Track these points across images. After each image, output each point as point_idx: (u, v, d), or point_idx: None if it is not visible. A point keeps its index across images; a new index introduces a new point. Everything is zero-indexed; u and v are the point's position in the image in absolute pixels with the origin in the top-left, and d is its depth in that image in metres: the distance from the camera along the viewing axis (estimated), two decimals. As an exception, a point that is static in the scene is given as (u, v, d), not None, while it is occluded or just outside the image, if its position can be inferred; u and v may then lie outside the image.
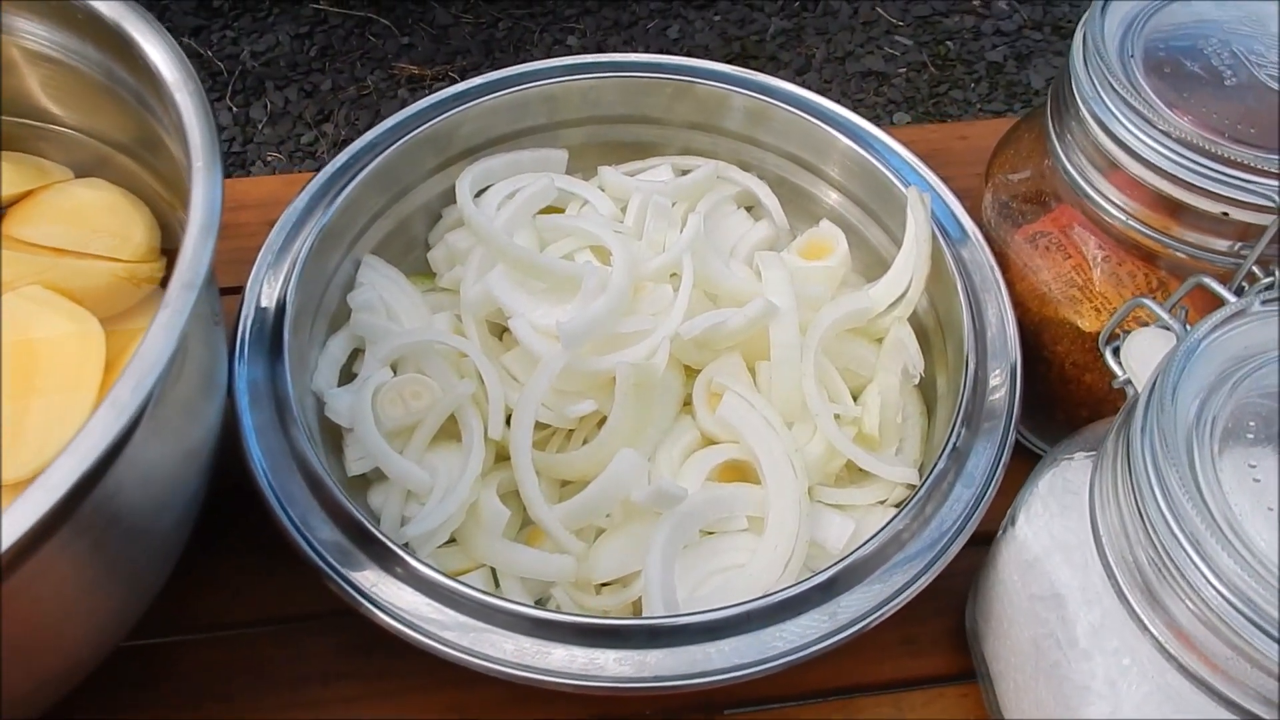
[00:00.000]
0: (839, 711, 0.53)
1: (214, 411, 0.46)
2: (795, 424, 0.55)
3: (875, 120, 0.60)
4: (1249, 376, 0.40)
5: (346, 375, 0.57)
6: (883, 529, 0.48)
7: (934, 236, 0.57)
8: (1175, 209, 0.48)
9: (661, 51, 2.36)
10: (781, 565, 0.51)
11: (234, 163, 1.94)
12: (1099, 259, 0.53)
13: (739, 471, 0.55)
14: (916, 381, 0.57)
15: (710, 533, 0.53)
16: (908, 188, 0.57)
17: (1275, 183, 0.45)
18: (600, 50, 2.31)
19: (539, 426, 0.55)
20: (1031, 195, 0.56)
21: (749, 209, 0.65)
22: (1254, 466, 0.38)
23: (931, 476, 0.49)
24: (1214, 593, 0.35)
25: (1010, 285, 0.57)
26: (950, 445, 0.50)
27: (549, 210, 0.62)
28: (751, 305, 0.55)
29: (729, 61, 0.47)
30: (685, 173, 0.64)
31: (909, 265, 0.57)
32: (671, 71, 0.64)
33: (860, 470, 0.55)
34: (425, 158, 0.61)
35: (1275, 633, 0.34)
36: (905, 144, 0.62)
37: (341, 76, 2.23)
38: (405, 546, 0.49)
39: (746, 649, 0.45)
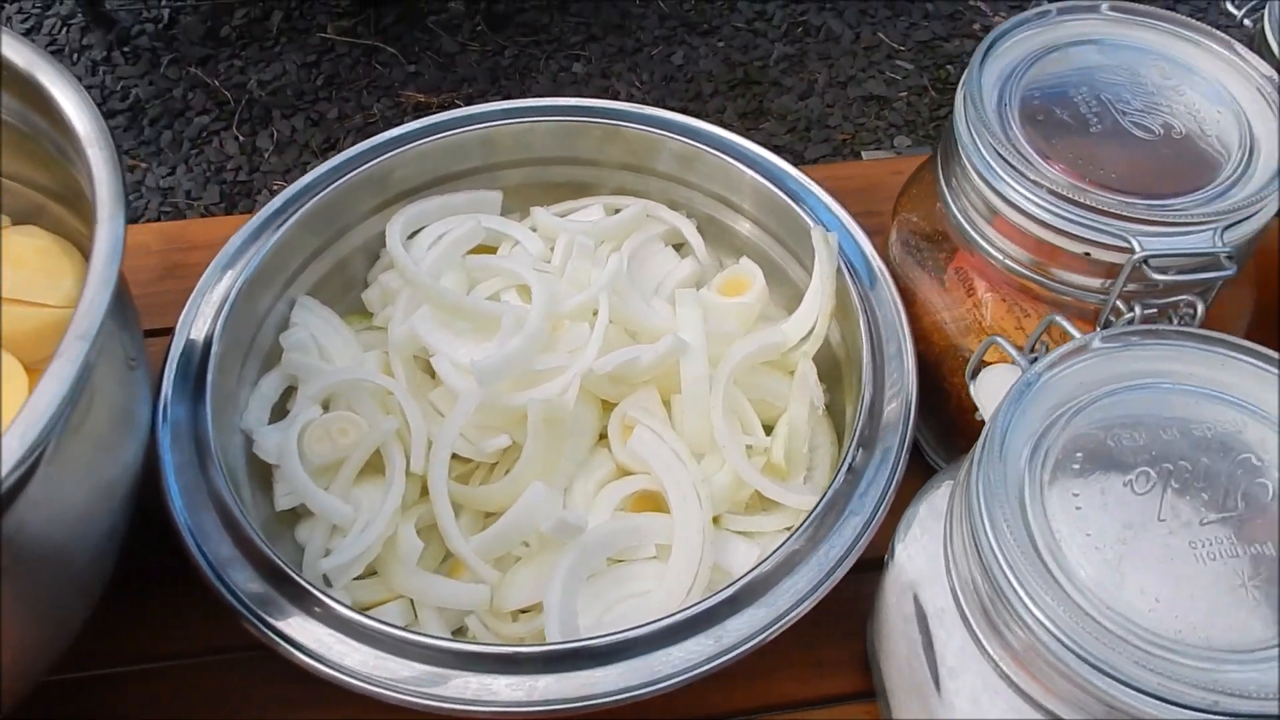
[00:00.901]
0: (745, 732, 0.56)
1: (133, 450, 0.49)
2: (706, 455, 0.58)
3: (876, 144, 0.62)
4: (1083, 410, 0.42)
5: (280, 413, 0.60)
6: (770, 555, 0.50)
7: (841, 273, 0.59)
8: (1049, 252, 0.51)
9: (667, 78, 2.40)
10: (684, 591, 0.54)
11: (240, 191, 1.99)
12: (989, 299, 0.55)
13: (653, 501, 0.58)
14: (820, 412, 0.59)
15: (620, 561, 0.56)
16: (813, 227, 0.59)
17: (1130, 225, 0.48)
18: (605, 77, 2.35)
19: (464, 461, 0.58)
20: (931, 234, 0.58)
21: (678, 247, 0.68)
22: (1076, 495, 0.40)
23: (822, 503, 0.52)
24: (1036, 621, 0.38)
25: (915, 320, 0.59)
26: (842, 471, 0.53)
27: (483, 250, 0.65)
28: (662, 342, 0.57)
29: (733, 87, 0.51)
30: (617, 212, 0.67)
31: (816, 302, 0.60)
32: (602, 115, 0.67)
33: (769, 498, 0.57)
34: (362, 199, 0.64)
35: (1094, 660, 0.36)
36: (823, 182, 0.65)
37: (348, 105, 2.27)
38: (324, 578, 0.52)
39: (634, 673, 0.48)
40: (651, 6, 2.54)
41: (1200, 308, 0.50)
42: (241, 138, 2.15)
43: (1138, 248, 0.48)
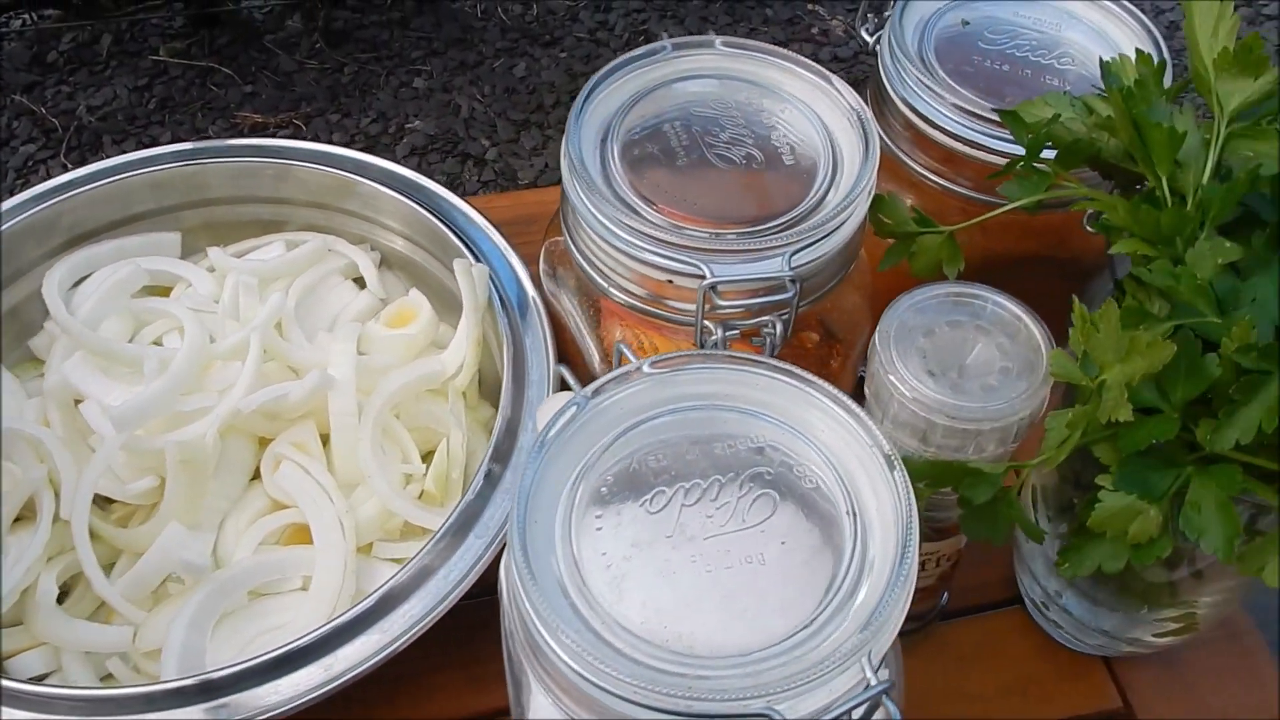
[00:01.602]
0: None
1: None
2: (361, 486, 0.60)
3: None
4: (627, 434, 0.45)
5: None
6: (384, 584, 0.52)
7: (490, 304, 0.62)
8: (646, 283, 0.53)
9: (509, 90, 2.40)
10: (323, 621, 0.55)
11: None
12: (614, 327, 0.58)
13: (307, 534, 0.59)
14: (462, 440, 0.61)
15: (264, 594, 0.57)
16: (456, 261, 0.61)
17: (703, 254, 0.50)
18: (446, 91, 2.35)
19: (120, 505, 0.59)
20: (567, 260, 0.61)
21: (359, 279, 0.70)
22: (599, 517, 0.42)
23: (445, 527, 0.54)
24: (536, 630, 0.40)
25: (566, 345, 0.61)
26: (469, 495, 0.55)
27: (162, 292, 0.67)
28: (308, 378, 0.59)
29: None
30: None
31: (465, 333, 0.62)
32: (273, 154, 0.68)
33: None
34: (29, 247, 0.65)
35: (592, 669, 0.38)
36: (489, 211, 0.67)
37: (182, 128, 2.25)
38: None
39: (240, 706, 0.49)
40: (493, 19, 2.56)
41: (779, 328, 0.53)
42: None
43: (708, 274, 0.50)
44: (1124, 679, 0.63)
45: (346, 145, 2.18)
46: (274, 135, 2.21)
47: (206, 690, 0.49)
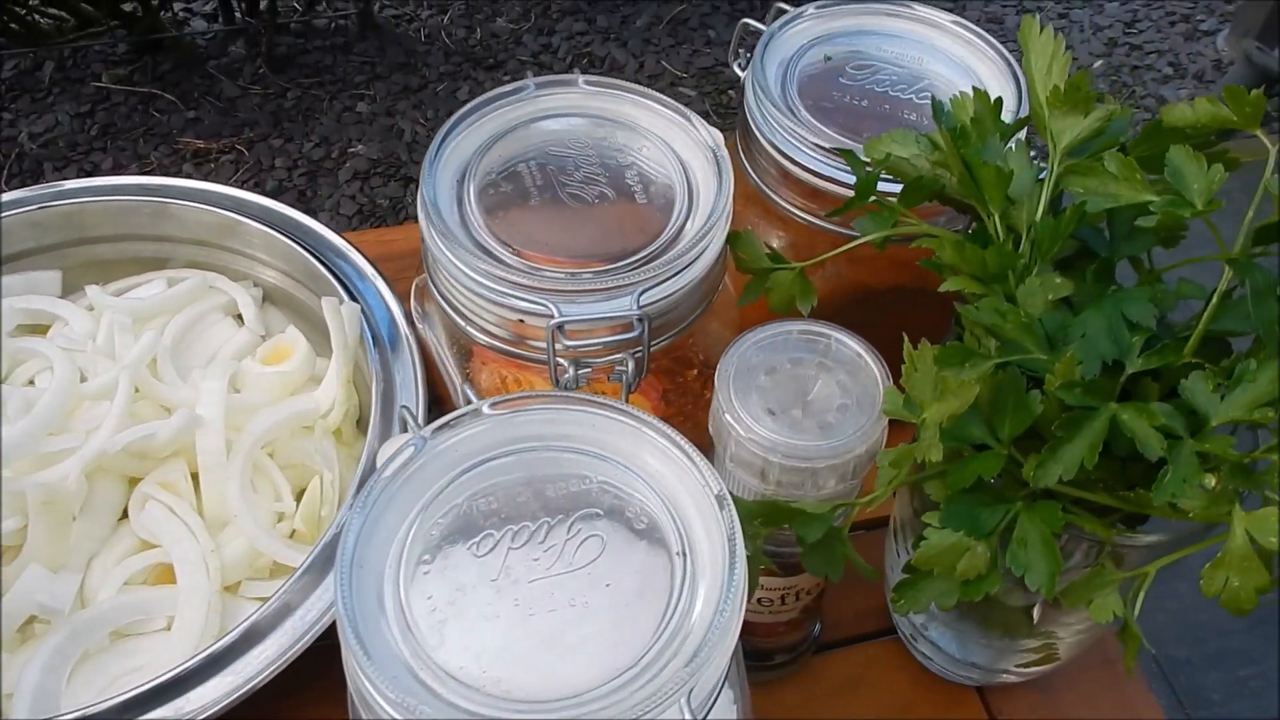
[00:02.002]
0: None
1: None
2: (230, 526, 0.60)
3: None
4: (465, 475, 0.45)
5: None
6: (241, 623, 0.52)
7: (362, 341, 0.62)
8: (503, 320, 0.54)
9: (452, 114, 2.43)
10: (185, 660, 0.55)
11: None
12: (478, 366, 0.58)
13: (174, 573, 0.59)
14: (334, 479, 0.61)
15: (127, 635, 0.57)
16: (323, 300, 0.61)
17: (551, 294, 0.51)
18: (390, 115, 2.36)
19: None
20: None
21: (240, 316, 0.70)
22: (427, 560, 0.43)
23: (304, 566, 0.54)
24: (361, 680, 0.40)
25: (436, 383, 0.62)
26: (326, 537, 0.55)
27: (41, 331, 0.66)
28: (175, 417, 0.59)
29: None
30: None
31: (336, 371, 0.62)
32: (153, 193, 0.68)
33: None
34: (-95, 290, 0.65)
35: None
36: (368, 246, 0.67)
37: (124, 154, 2.25)
38: None
39: (87, 750, 0.49)
40: (437, 43, 2.57)
41: (631, 365, 0.53)
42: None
43: (555, 314, 0.51)
44: (996, 707, 0.63)
45: (290, 170, 2.18)
46: (216, 160, 2.21)
47: (54, 735, 0.49)
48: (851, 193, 0.58)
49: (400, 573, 0.43)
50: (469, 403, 0.49)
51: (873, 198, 0.53)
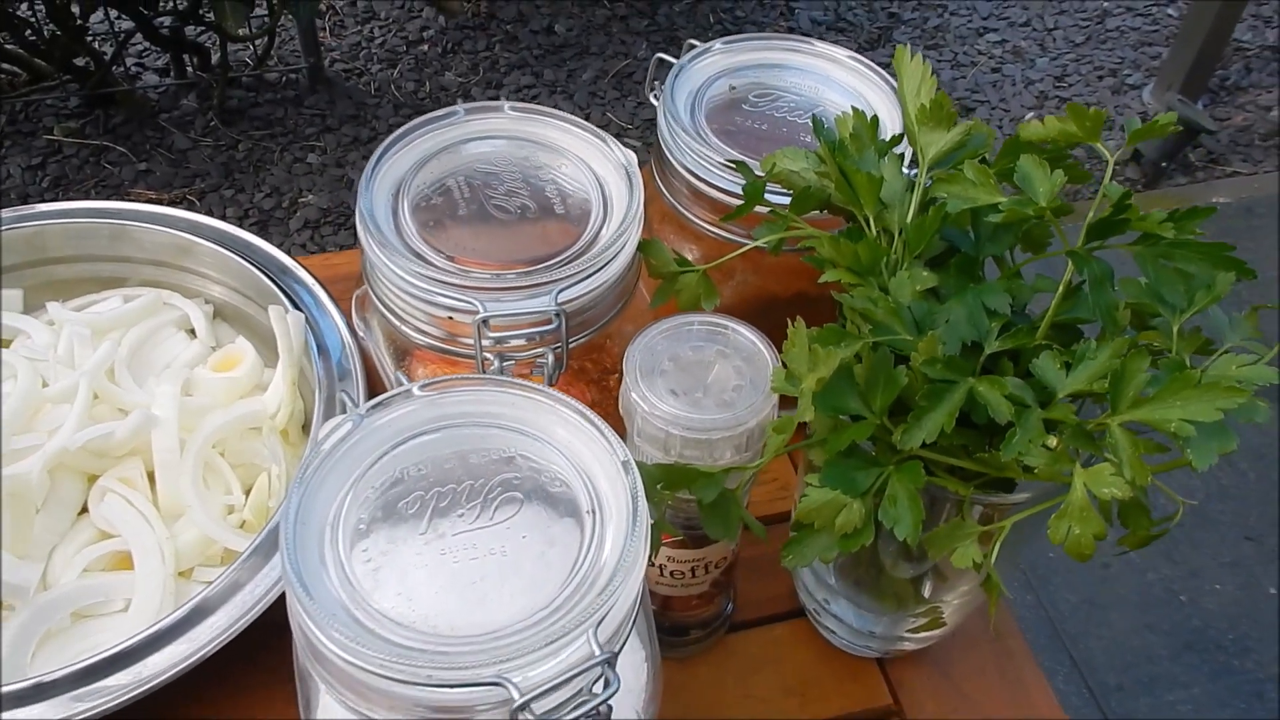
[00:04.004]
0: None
1: None
2: (184, 517, 0.64)
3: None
4: (399, 448, 0.50)
5: None
6: (193, 597, 0.57)
7: (306, 349, 0.67)
8: (434, 318, 0.59)
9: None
10: (141, 637, 0.60)
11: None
12: (416, 366, 0.64)
13: (131, 562, 0.64)
14: (280, 473, 0.66)
15: (87, 616, 0.61)
16: (271, 307, 0.67)
17: (478, 293, 0.57)
18: (340, 166, 2.41)
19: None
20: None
21: (193, 331, 0.75)
22: (363, 519, 0.48)
23: (250, 549, 0.59)
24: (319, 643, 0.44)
25: (376, 388, 0.67)
26: (271, 523, 0.60)
27: (3, 345, 0.71)
28: (132, 416, 0.64)
29: None
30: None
31: (283, 374, 0.67)
32: (111, 216, 0.73)
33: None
34: (-126, 308, 0.69)
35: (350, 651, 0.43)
36: (316, 269, 0.73)
37: (75, 205, 2.27)
38: None
39: (53, 710, 0.54)
40: (386, 96, 2.63)
41: (551, 358, 0.59)
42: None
43: (481, 309, 0.57)
44: (895, 679, 0.69)
45: (240, 220, 2.23)
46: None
47: (33, 694, 0.54)
48: (758, 208, 0.65)
49: (339, 531, 0.48)
50: (401, 385, 0.55)
51: (769, 209, 0.60)
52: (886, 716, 0.68)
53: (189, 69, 2.47)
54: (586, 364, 0.65)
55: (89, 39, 2.30)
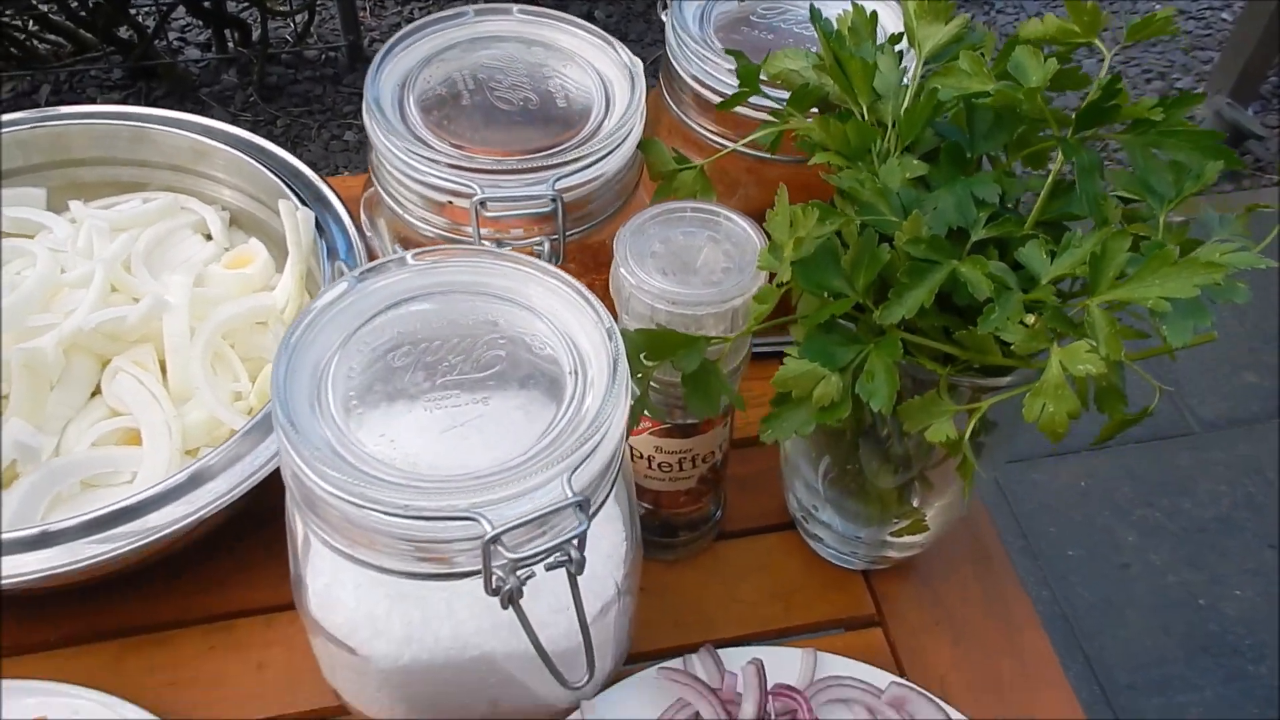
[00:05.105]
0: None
1: None
2: (192, 399, 0.66)
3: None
4: (391, 309, 0.52)
5: None
6: (195, 462, 0.59)
7: (315, 247, 0.69)
8: (431, 203, 0.61)
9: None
10: (146, 509, 0.62)
11: None
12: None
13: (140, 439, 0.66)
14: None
15: (95, 486, 0.64)
16: (281, 201, 0.69)
17: (478, 175, 0.58)
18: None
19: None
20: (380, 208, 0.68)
21: (210, 236, 0.77)
22: (352, 368, 0.49)
23: (250, 424, 0.61)
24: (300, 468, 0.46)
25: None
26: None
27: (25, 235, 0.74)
28: (144, 300, 0.66)
29: None
30: (154, 204, 0.76)
31: (292, 269, 0.69)
32: (132, 119, 0.76)
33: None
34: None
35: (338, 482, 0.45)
36: (334, 185, 0.75)
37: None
38: None
39: (57, 556, 0.56)
40: (423, 78, 2.65)
41: (548, 246, 0.60)
42: None
43: (479, 192, 0.58)
44: (880, 591, 0.70)
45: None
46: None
47: (29, 544, 0.56)
48: (762, 115, 0.66)
49: (328, 381, 0.49)
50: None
51: (771, 109, 0.61)
52: (869, 625, 0.68)
53: (230, 44, 2.51)
54: (586, 261, 0.66)
55: (132, 11, 2.34)
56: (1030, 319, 0.51)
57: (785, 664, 0.62)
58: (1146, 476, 1.92)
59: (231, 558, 0.67)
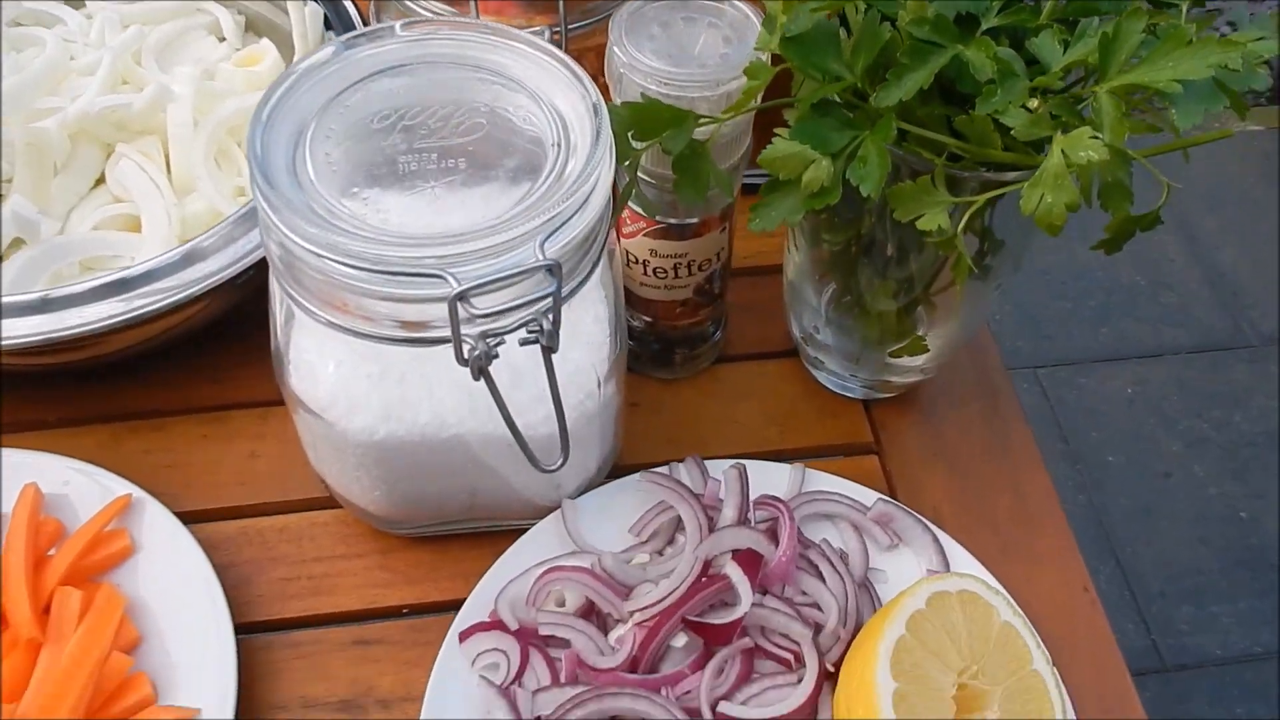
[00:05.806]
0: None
1: None
2: (195, 191, 0.66)
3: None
4: (378, 76, 0.51)
5: None
6: (189, 241, 0.59)
7: (320, 42, 0.68)
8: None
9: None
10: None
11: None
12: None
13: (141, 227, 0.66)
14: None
15: (93, 269, 0.64)
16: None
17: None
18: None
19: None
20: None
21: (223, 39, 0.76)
22: (332, 129, 0.49)
23: (246, 209, 0.61)
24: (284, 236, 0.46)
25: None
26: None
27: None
28: (149, 88, 0.66)
29: None
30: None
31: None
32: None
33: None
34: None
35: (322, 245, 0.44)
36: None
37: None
38: None
39: (51, 323, 0.57)
40: None
41: (548, 35, 0.59)
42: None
43: (480, -26, 0.57)
44: (878, 420, 0.69)
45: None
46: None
47: (39, 306, 0.57)
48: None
49: (308, 140, 0.49)
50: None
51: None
52: (866, 453, 0.67)
53: None
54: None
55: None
56: (1033, 103, 0.49)
57: (772, 477, 0.61)
58: (1198, 387, 1.87)
59: (229, 354, 0.67)
